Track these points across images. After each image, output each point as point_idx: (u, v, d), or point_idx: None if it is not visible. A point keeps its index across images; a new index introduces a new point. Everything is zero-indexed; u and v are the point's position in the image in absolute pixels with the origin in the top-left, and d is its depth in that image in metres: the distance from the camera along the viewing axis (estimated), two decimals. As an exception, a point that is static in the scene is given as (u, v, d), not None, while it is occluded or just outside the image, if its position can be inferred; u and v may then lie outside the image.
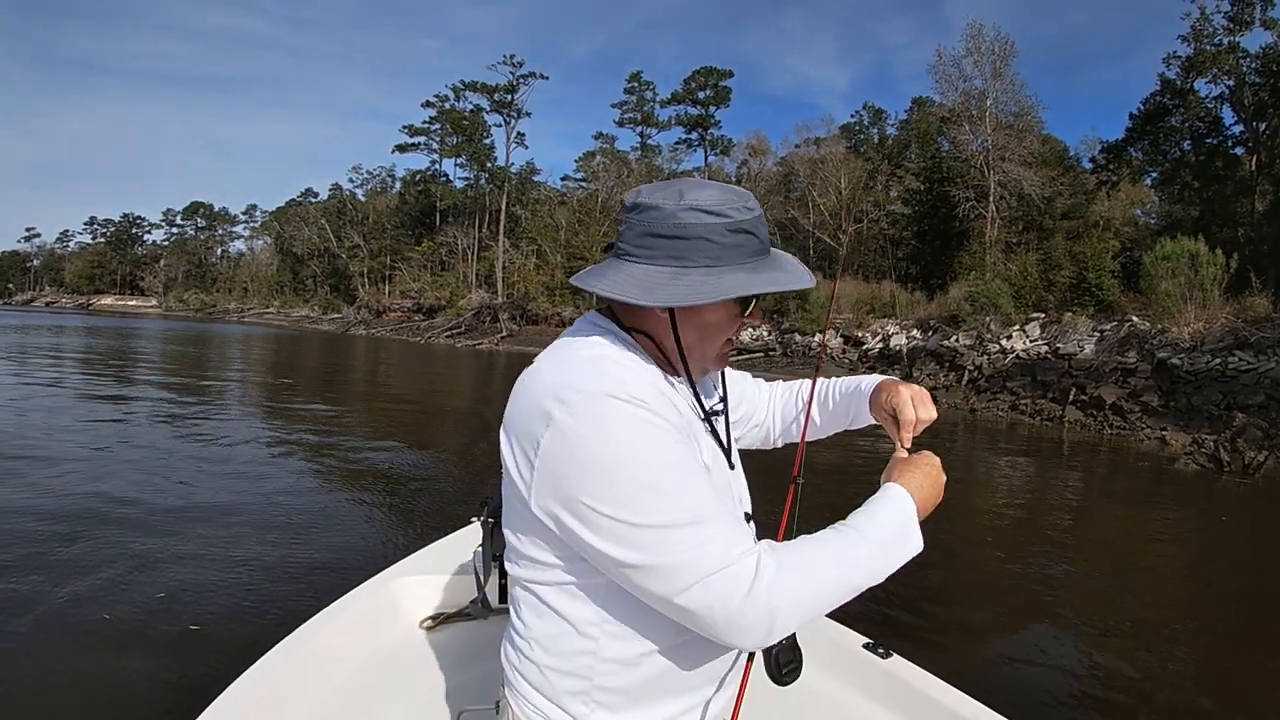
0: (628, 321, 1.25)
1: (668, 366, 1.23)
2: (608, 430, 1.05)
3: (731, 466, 1.33)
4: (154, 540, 5.66)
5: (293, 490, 7.52)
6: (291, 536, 5.97)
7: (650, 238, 1.15)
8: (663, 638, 1.18)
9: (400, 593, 2.75)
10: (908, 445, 1.39)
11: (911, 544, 1.18)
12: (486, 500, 2.24)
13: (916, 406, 1.42)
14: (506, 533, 1.25)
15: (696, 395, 1.26)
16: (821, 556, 1.10)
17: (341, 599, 2.61)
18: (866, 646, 2.41)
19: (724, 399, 1.40)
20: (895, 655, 2.35)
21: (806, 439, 1.69)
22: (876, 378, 1.60)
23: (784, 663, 1.29)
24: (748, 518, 1.31)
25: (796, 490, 1.55)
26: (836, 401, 1.68)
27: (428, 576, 2.83)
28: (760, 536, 1.22)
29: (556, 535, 1.12)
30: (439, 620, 2.69)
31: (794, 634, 1.21)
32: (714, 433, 1.28)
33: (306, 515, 6.60)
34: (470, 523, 3.25)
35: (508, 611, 2.33)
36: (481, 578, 2.64)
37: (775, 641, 1.08)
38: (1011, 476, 11.22)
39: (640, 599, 1.11)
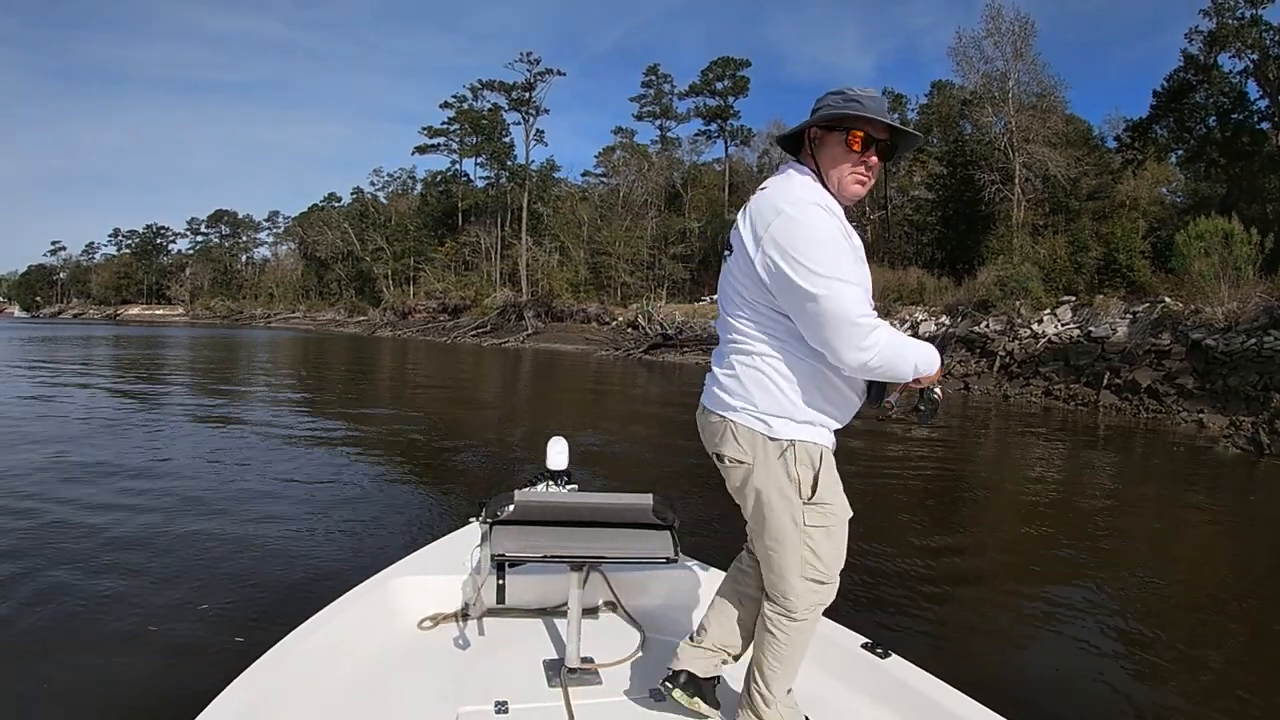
0: (803, 160, 2.06)
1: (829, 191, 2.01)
2: (813, 220, 1.87)
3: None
4: (153, 538, 5.67)
5: (294, 490, 7.53)
6: (291, 536, 5.95)
7: (813, 113, 2.04)
8: (812, 364, 1.95)
9: (399, 593, 2.79)
10: None
11: (925, 367, 1.95)
12: (485, 501, 2.45)
13: None
14: (733, 284, 2.03)
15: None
16: (903, 340, 1.91)
17: (341, 599, 2.65)
18: (865, 647, 2.45)
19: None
20: (894, 655, 2.38)
21: None
22: None
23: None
24: None
25: None
26: None
27: (426, 577, 2.88)
28: None
29: (765, 281, 1.90)
30: (437, 620, 2.74)
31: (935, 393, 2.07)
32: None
33: (307, 515, 6.58)
34: (469, 523, 3.25)
35: (505, 613, 2.80)
36: (479, 578, 2.72)
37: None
38: (1044, 463, 11.22)
39: (804, 327, 1.89)
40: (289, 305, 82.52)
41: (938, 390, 2.05)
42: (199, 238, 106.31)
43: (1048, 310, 24.08)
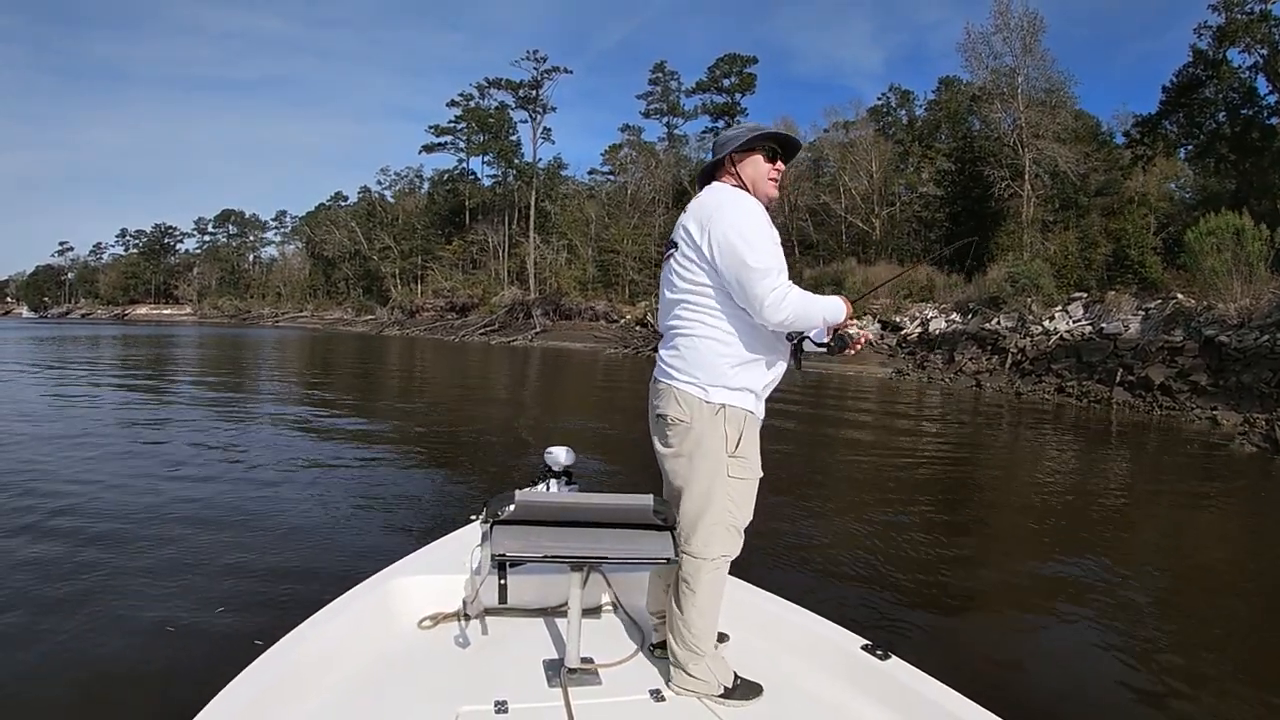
0: (723, 178, 2.54)
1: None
2: (754, 211, 2.37)
3: None
4: (155, 538, 5.65)
5: (296, 489, 7.48)
6: (293, 535, 5.93)
7: (717, 145, 2.60)
8: (745, 328, 2.39)
9: (399, 593, 2.80)
10: None
11: (832, 317, 2.44)
12: (487, 501, 2.45)
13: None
14: (676, 273, 2.48)
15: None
16: (811, 298, 2.36)
17: (340, 598, 2.66)
18: (865, 648, 2.44)
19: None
20: (894, 657, 2.38)
21: None
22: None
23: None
24: None
25: None
26: None
27: (426, 576, 2.89)
28: None
29: (709, 263, 2.34)
30: (438, 620, 2.76)
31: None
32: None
33: (308, 514, 6.56)
34: (470, 523, 3.26)
35: (505, 613, 2.87)
36: (480, 578, 2.71)
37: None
38: (1056, 461, 11.12)
39: (736, 290, 2.31)
40: (296, 304, 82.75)
41: (854, 330, 2.53)
42: (206, 237, 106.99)
43: (1059, 307, 23.98)
